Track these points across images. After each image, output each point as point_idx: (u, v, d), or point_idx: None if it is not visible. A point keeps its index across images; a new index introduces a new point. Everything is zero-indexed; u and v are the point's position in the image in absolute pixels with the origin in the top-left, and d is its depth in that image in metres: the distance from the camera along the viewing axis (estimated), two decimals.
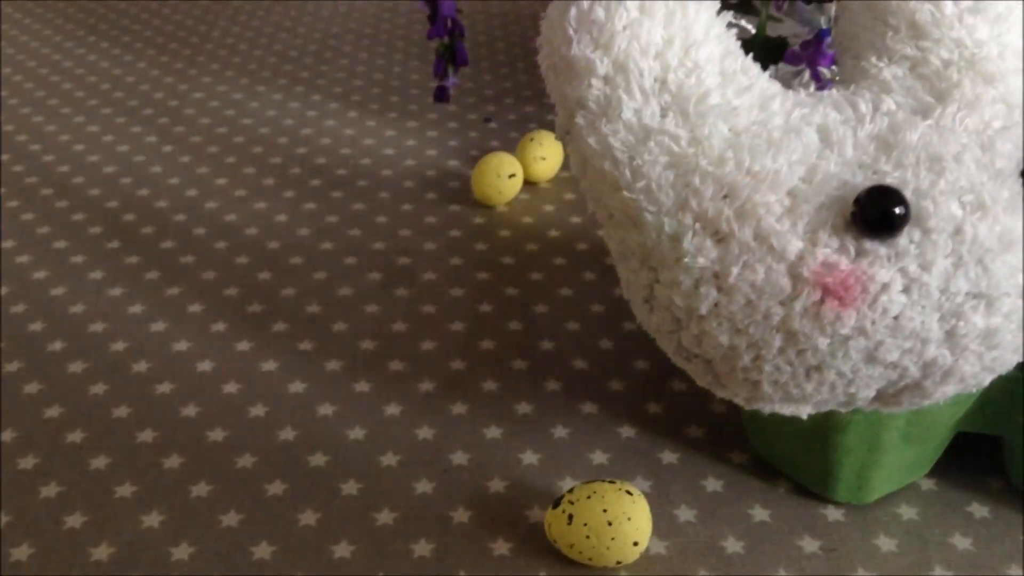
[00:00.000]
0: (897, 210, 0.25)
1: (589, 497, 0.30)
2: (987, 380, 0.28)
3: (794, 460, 0.34)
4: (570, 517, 0.30)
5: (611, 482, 0.31)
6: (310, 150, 0.58)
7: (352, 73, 0.69)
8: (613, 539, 0.30)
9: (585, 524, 0.30)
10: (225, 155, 0.57)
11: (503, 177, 0.51)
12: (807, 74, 0.56)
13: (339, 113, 0.63)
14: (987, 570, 0.31)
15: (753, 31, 0.54)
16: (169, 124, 0.61)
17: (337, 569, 0.31)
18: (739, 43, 0.28)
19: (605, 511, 0.30)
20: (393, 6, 0.83)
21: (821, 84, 0.43)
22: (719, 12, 0.28)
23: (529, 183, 0.54)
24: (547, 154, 0.54)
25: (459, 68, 0.61)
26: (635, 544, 0.30)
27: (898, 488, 0.34)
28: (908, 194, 0.25)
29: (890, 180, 0.26)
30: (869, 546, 0.32)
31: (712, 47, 0.27)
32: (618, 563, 0.30)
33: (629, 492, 0.31)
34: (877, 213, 0.25)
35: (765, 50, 0.52)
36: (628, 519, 0.30)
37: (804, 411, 0.29)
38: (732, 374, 0.28)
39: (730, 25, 0.28)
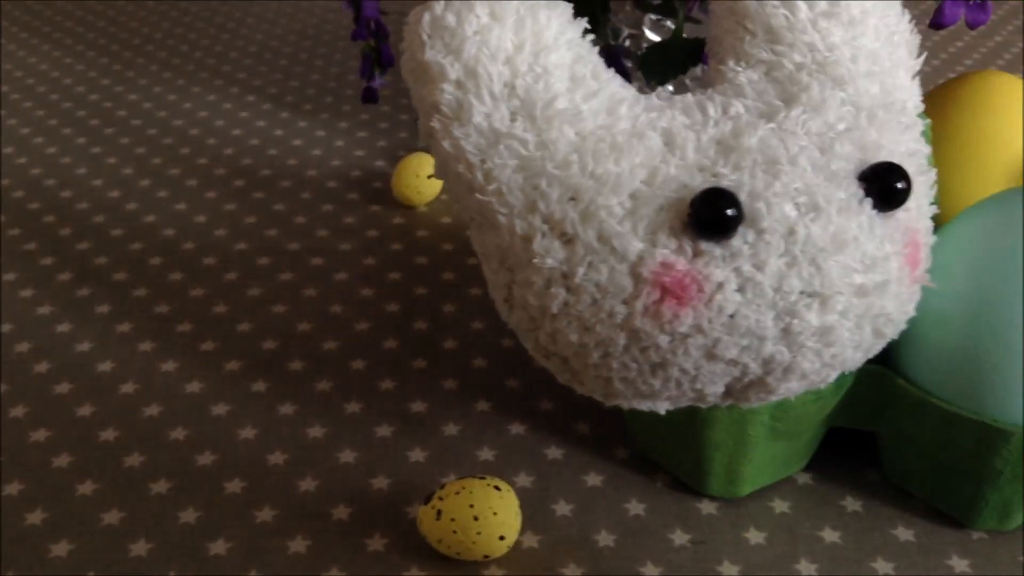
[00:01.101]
0: (728, 212, 0.26)
1: (458, 493, 0.31)
2: (832, 376, 0.29)
3: (670, 455, 0.35)
4: (439, 512, 0.31)
5: (481, 478, 0.32)
6: (237, 151, 0.58)
7: (289, 74, 0.69)
8: (479, 533, 0.30)
9: (452, 519, 0.30)
10: (152, 157, 0.58)
11: (422, 178, 0.52)
12: None
13: (271, 114, 0.63)
14: (852, 563, 0.32)
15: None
16: (100, 126, 0.62)
17: (211, 566, 0.32)
18: (595, 48, 0.29)
19: (472, 506, 0.31)
20: (338, 6, 0.83)
21: None
22: (587, 18, 0.29)
23: None
24: None
25: (386, 69, 0.61)
26: (501, 538, 0.31)
27: (773, 482, 0.35)
28: (743, 196, 0.26)
29: (726, 183, 0.26)
30: (738, 539, 0.33)
31: (562, 53, 0.28)
32: (485, 557, 0.31)
33: (498, 488, 0.31)
34: (709, 215, 0.26)
35: (682, 52, 0.53)
36: (494, 514, 0.31)
37: (661, 407, 0.30)
38: (586, 371, 0.29)
39: (586, 31, 0.29)
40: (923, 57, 0.31)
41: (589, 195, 0.27)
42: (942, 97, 0.38)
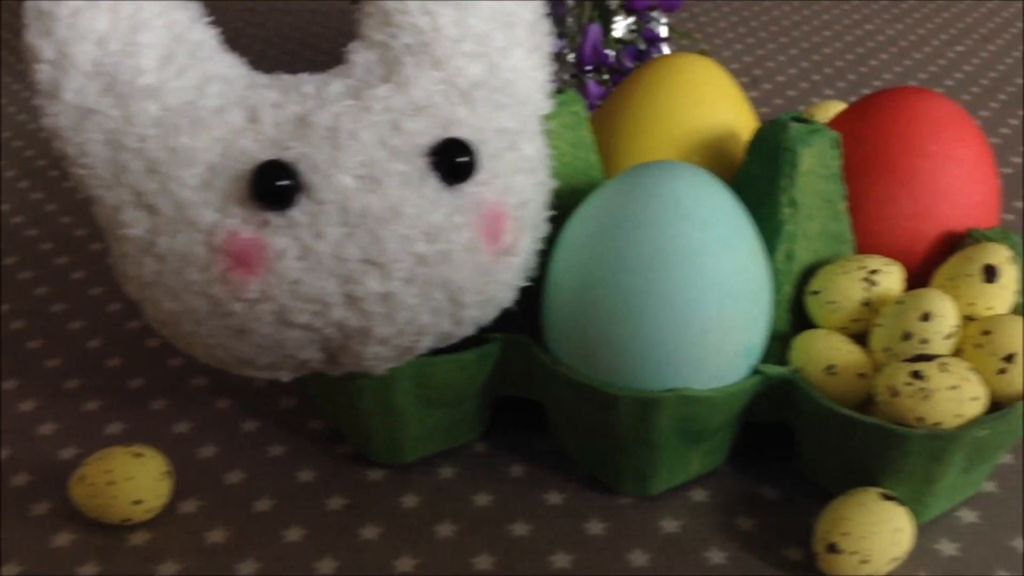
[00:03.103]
0: (282, 183, 0.27)
1: (100, 460, 0.32)
2: (422, 342, 0.30)
3: (345, 425, 0.36)
4: (81, 478, 0.32)
5: (126, 446, 0.33)
6: None
7: None
8: (114, 498, 0.32)
9: (91, 485, 0.32)
10: None
11: None
12: None
13: None
14: (493, 525, 0.33)
15: None
16: None
17: None
18: (207, 28, 0.30)
19: (109, 472, 0.32)
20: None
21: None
22: None
23: None
24: None
25: None
26: (138, 502, 0.32)
27: (442, 449, 0.36)
28: (303, 168, 0.27)
29: (291, 156, 0.28)
30: (392, 504, 0.34)
31: (159, 33, 0.29)
32: (126, 520, 0.32)
33: (139, 454, 0.32)
34: (263, 186, 0.27)
35: None
36: (129, 479, 0.32)
37: (280, 376, 0.31)
38: (190, 339, 0.30)
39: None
40: (549, 37, 0.32)
41: (166, 167, 0.28)
42: (633, 79, 0.39)
